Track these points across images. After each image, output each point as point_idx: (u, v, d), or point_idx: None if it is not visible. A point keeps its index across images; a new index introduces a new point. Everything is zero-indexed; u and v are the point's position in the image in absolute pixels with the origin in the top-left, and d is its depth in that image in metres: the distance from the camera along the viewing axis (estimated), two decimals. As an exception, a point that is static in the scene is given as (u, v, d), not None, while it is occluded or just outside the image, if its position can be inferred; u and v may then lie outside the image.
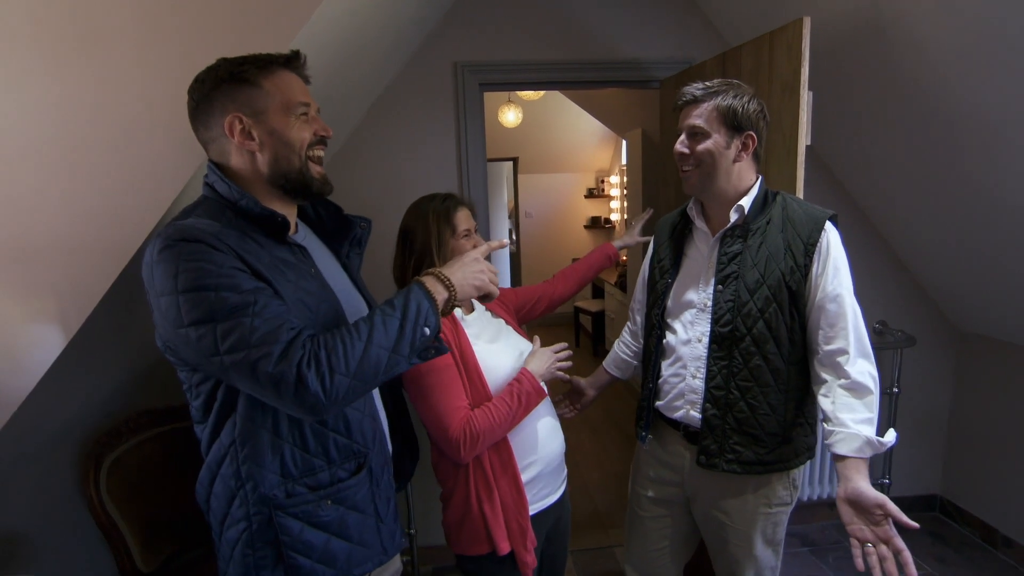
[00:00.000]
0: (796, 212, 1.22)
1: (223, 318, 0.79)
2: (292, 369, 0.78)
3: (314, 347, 0.81)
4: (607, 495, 2.83)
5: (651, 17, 2.20)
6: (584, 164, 6.16)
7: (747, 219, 1.24)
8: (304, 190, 0.96)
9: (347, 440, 0.97)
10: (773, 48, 1.61)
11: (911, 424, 2.48)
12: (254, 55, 0.94)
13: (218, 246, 0.82)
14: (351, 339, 0.82)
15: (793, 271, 1.18)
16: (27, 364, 1.17)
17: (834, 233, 1.20)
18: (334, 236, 1.14)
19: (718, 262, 1.27)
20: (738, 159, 1.23)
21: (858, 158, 2.15)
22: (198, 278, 0.79)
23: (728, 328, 1.23)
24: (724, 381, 1.24)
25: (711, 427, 1.26)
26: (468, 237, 1.32)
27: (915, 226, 2.16)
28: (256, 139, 0.91)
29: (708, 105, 1.20)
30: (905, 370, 2.38)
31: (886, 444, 1.11)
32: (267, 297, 0.82)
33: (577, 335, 5.54)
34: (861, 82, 1.86)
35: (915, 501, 2.55)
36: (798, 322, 1.21)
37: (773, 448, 1.25)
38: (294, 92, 0.93)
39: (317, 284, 0.96)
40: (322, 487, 0.95)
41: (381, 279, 2.09)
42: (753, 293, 1.20)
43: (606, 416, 3.83)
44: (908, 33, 1.56)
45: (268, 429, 0.91)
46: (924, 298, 2.42)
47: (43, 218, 1.13)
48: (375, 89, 2.08)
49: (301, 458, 0.93)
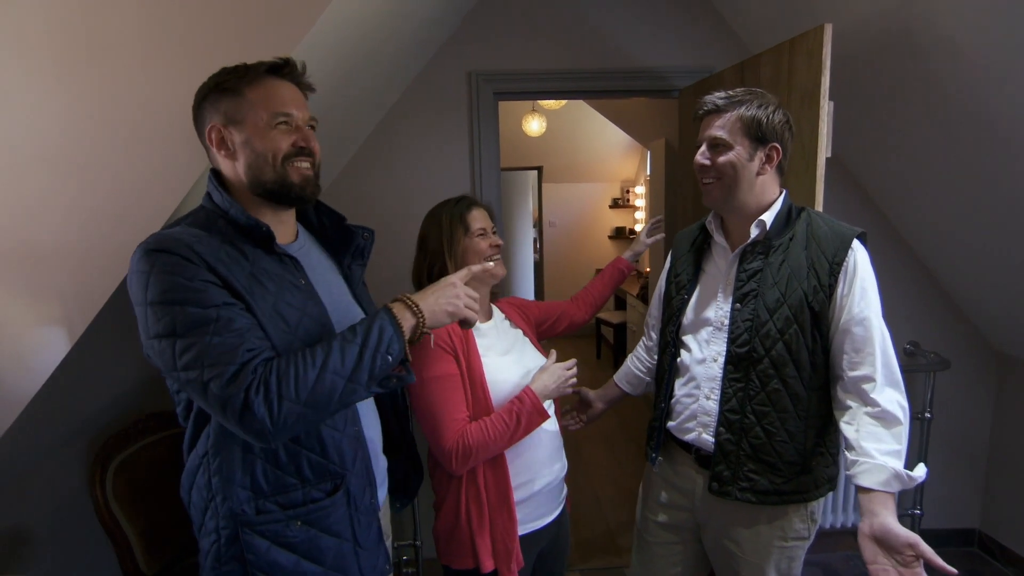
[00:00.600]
0: (821, 229, 1.16)
1: (183, 333, 0.79)
2: (240, 393, 0.77)
3: (265, 372, 0.79)
4: (620, 513, 2.76)
5: (669, 25, 2.15)
6: (609, 174, 6.10)
7: (769, 235, 1.19)
8: (285, 197, 0.95)
9: (321, 459, 0.94)
10: (793, 56, 1.55)
11: (946, 452, 2.33)
12: (243, 65, 0.94)
13: (191, 258, 0.82)
14: (305, 365, 0.81)
15: (816, 291, 1.12)
16: (33, 366, 1.20)
17: (862, 252, 1.14)
18: (336, 246, 1.13)
19: (736, 279, 1.21)
20: (761, 172, 1.17)
21: (886, 169, 2.05)
22: (166, 291, 0.79)
23: (745, 349, 1.17)
24: (740, 404, 1.18)
25: (724, 453, 1.20)
26: (484, 236, 1.31)
27: (949, 240, 2.04)
28: (231, 147, 0.92)
29: (731, 115, 1.15)
30: (939, 394, 2.25)
31: (916, 479, 1.04)
32: (233, 313, 0.82)
33: (598, 347, 5.47)
34: (889, 90, 1.77)
35: (951, 535, 2.40)
36: (820, 345, 1.14)
37: (791, 477, 1.17)
38: (276, 101, 0.92)
39: (303, 296, 0.94)
40: (294, 506, 0.92)
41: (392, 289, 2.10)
42: (773, 313, 1.14)
43: (621, 430, 3.75)
44: (941, 37, 1.48)
45: (239, 443, 0.90)
46: (959, 317, 2.29)
47: (51, 222, 1.16)
48: (389, 97, 2.09)
49: (273, 475, 0.91)
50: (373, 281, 1.20)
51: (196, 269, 0.81)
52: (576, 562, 2.38)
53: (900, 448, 1.06)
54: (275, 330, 0.87)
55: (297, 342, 0.89)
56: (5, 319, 1.17)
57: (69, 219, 1.16)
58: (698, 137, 1.22)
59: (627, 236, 6.14)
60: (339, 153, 2.03)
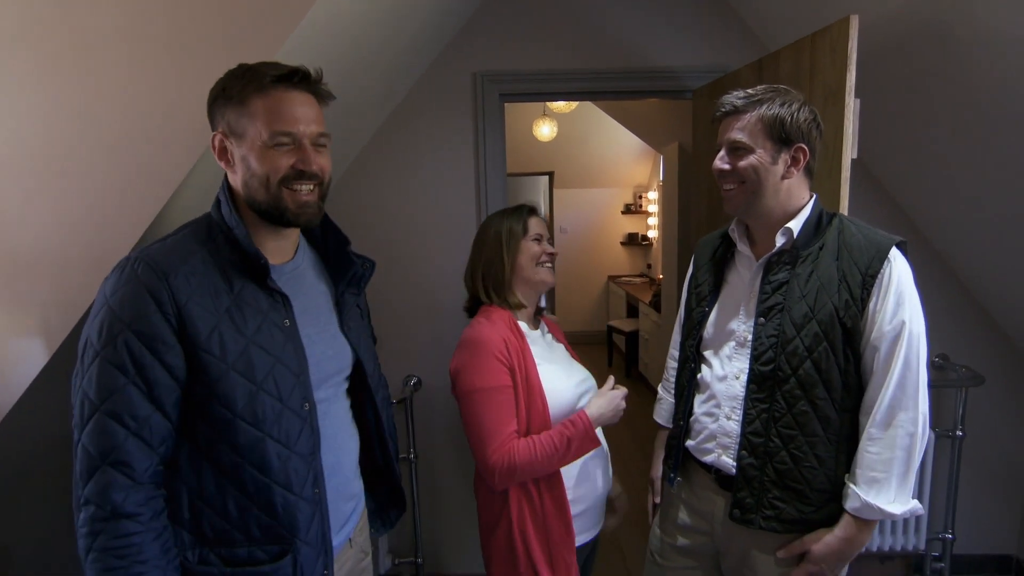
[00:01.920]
0: (855, 237, 1.07)
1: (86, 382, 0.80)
2: (79, 513, 0.79)
3: (97, 529, 0.78)
4: (633, 531, 2.65)
5: (681, 22, 2.07)
6: (621, 179, 6.01)
7: (796, 244, 1.10)
8: (279, 220, 0.90)
9: (273, 523, 0.87)
10: (815, 51, 1.46)
11: (979, 473, 2.20)
12: (255, 68, 0.87)
13: (160, 300, 0.80)
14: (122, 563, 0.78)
15: (848, 305, 1.04)
16: (11, 377, 1.15)
17: (901, 263, 1.05)
18: (335, 270, 1.07)
19: (761, 291, 1.13)
20: (787, 176, 1.09)
21: (914, 171, 1.94)
22: (103, 331, 0.79)
23: (770, 367, 1.09)
24: (764, 427, 1.10)
25: (747, 478, 1.12)
26: (539, 241, 1.32)
27: (981, 247, 1.92)
28: (231, 161, 0.88)
29: (751, 116, 1.07)
30: (971, 411, 2.12)
31: (890, 513, 1.02)
32: (139, 395, 0.79)
33: (610, 355, 5.36)
34: (919, 86, 1.67)
35: (986, 562, 2.25)
36: (854, 364, 1.06)
37: (820, 506, 1.08)
38: (278, 118, 0.85)
39: (283, 339, 0.89)
40: (236, 563, 0.86)
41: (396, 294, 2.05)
42: (800, 329, 1.06)
43: (636, 448, 3.64)
44: (978, 28, 1.38)
45: (191, 485, 0.85)
46: (993, 329, 2.16)
47: (30, 229, 1.12)
48: (391, 100, 2.03)
49: (220, 524, 0.86)
50: (375, 281, 1.14)
51: (152, 321, 0.80)
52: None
53: (886, 475, 1.02)
54: (237, 383, 0.83)
55: (261, 396, 0.84)
56: (-19, 329, 1.12)
57: (49, 226, 1.12)
58: (717, 140, 1.14)
59: (639, 242, 6.04)
60: (338, 157, 1.98)
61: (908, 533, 2.15)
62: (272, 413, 0.85)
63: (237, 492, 0.85)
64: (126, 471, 0.78)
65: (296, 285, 0.96)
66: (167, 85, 1.09)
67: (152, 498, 0.80)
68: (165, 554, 0.80)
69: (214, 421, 0.83)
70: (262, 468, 0.85)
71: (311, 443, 0.90)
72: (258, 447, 0.84)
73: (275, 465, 0.86)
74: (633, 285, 5.48)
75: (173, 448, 0.84)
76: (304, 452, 0.89)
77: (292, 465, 0.87)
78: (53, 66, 1.06)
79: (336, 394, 1.02)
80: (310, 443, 0.90)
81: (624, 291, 5.37)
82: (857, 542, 1.06)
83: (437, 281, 2.15)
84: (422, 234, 2.13)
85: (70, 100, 1.08)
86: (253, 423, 0.84)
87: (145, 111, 1.10)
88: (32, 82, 1.06)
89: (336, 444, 0.99)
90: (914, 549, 2.17)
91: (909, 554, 2.25)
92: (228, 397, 0.82)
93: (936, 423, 2.18)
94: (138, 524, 0.78)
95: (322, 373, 0.95)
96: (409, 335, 2.17)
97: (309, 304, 0.97)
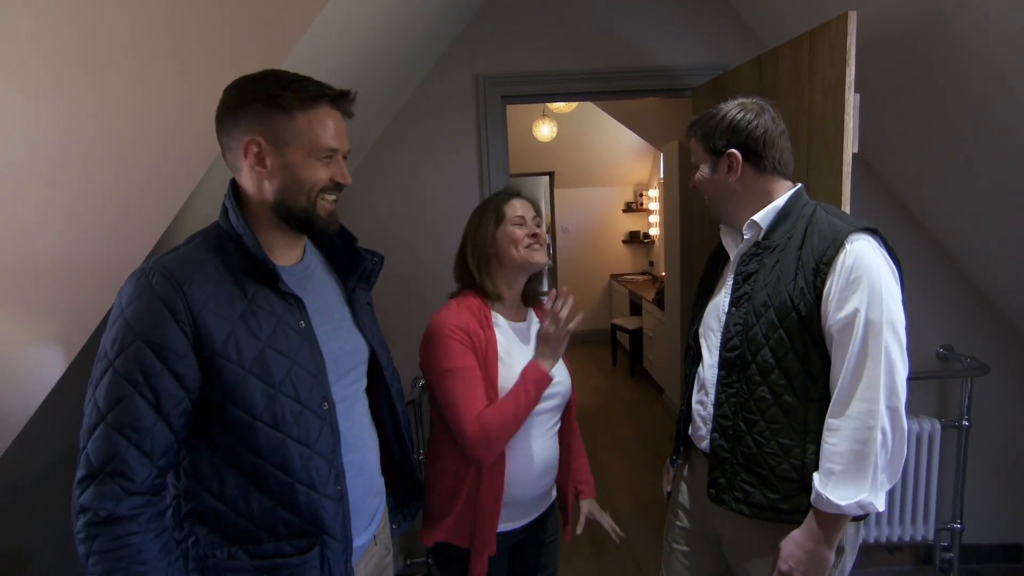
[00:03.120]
0: (820, 226, 1.08)
1: (98, 390, 0.80)
2: (76, 519, 0.79)
3: (93, 533, 0.79)
4: (641, 525, 2.66)
5: (681, 21, 2.09)
6: (622, 178, 6.02)
7: (768, 235, 1.15)
8: (307, 226, 0.94)
9: (298, 521, 0.89)
10: (814, 47, 1.47)
11: (986, 463, 2.21)
12: (299, 80, 0.89)
13: (175, 309, 0.81)
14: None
15: (803, 293, 1.05)
16: (30, 385, 1.17)
17: (863, 248, 1.02)
18: (343, 266, 1.10)
19: (733, 282, 1.18)
20: (731, 180, 1.16)
21: (915, 165, 1.95)
22: (117, 341, 0.80)
23: (735, 353, 1.14)
24: (731, 411, 1.15)
25: (720, 459, 1.18)
26: (521, 225, 1.29)
27: (984, 238, 1.94)
28: (268, 167, 0.89)
29: (694, 139, 1.21)
30: (977, 401, 2.13)
31: (840, 508, 1.00)
32: (146, 406, 0.80)
33: (614, 353, 5.37)
34: (918, 80, 1.68)
35: (993, 551, 2.26)
36: (817, 353, 1.06)
37: (788, 495, 1.10)
38: (325, 135, 0.90)
39: (298, 340, 0.90)
40: (263, 557, 0.88)
41: (400, 293, 2.07)
42: (760, 317, 1.10)
43: (641, 437, 3.65)
44: (976, 21, 1.39)
45: (213, 490, 0.87)
46: (997, 319, 2.17)
47: (46, 238, 1.13)
48: (394, 103, 2.05)
49: (244, 526, 0.87)
50: (380, 283, 1.16)
51: (166, 330, 0.81)
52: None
53: (843, 468, 1.00)
54: (255, 387, 0.84)
55: (280, 399, 0.86)
56: (1, 337, 1.14)
57: (64, 234, 1.13)
58: None
59: (641, 240, 6.04)
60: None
61: (916, 523, 2.16)
62: (291, 414, 0.87)
63: (261, 493, 0.87)
64: (123, 483, 0.79)
65: (308, 285, 0.98)
66: (178, 94, 1.11)
67: (150, 501, 0.81)
68: (166, 555, 0.81)
69: (233, 426, 0.85)
70: (285, 468, 0.87)
71: (331, 442, 0.92)
72: (280, 448, 0.86)
73: (297, 465, 0.87)
74: (636, 283, 5.49)
75: (190, 455, 0.86)
76: (325, 451, 0.91)
77: (314, 464, 0.89)
78: (66, 76, 1.08)
79: (356, 392, 1.04)
80: (330, 442, 0.92)
81: (627, 289, 5.39)
82: (821, 538, 1.04)
83: (442, 283, 2.15)
84: (427, 236, 2.15)
85: (83, 110, 1.09)
86: (273, 425, 0.86)
87: (157, 120, 1.11)
88: (46, 92, 1.08)
89: (360, 442, 1.01)
90: (923, 539, 2.18)
91: (918, 544, 2.26)
92: (247, 401, 0.84)
93: (942, 413, 2.19)
94: (136, 525, 0.79)
95: (340, 370, 0.97)
96: (416, 337, 2.17)
97: (321, 303, 0.99)
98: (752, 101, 1.16)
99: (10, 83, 1.07)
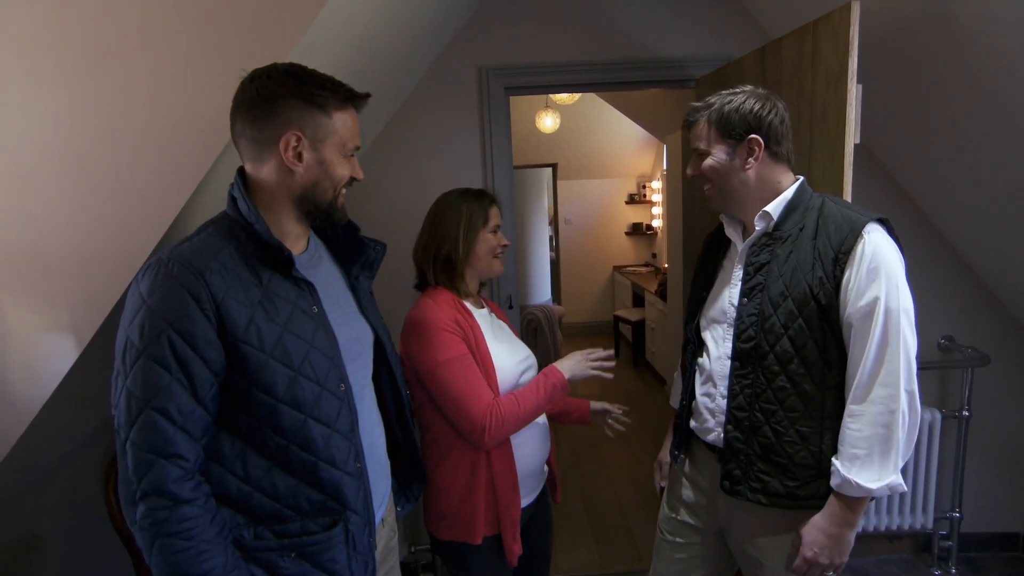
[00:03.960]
0: (833, 217, 1.10)
1: (131, 381, 0.81)
2: (135, 507, 0.81)
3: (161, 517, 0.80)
4: (642, 514, 2.69)
5: (684, 12, 2.08)
6: (625, 169, 6.01)
7: (778, 226, 1.15)
8: (327, 218, 0.99)
9: (321, 497, 0.92)
10: (817, 38, 1.47)
11: (986, 452, 2.23)
12: (331, 81, 0.93)
13: (199, 297, 0.82)
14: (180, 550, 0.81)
15: (823, 282, 1.07)
16: (42, 374, 1.19)
17: (879, 238, 1.06)
18: (346, 255, 1.12)
19: (744, 273, 1.18)
20: (747, 167, 1.15)
21: (918, 155, 1.96)
22: (145, 330, 0.81)
23: (750, 344, 1.14)
24: (747, 402, 1.15)
25: (734, 451, 1.17)
26: (496, 234, 1.37)
27: (986, 228, 1.94)
28: (303, 162, 0.92)
29: (702, 121, 1.17)
30: (977, 391, 2.14)
31: (868, 489, 1.03)
32: (182, 391, 0.82)
33: (617, 344, 5.39)
34: (921, 70, 1.68)
35: (992, 540, 2.28)
36: (834, 341, 1.09)
37: (805, 482, 1.12)
38: (353, 133, 0.96)
39: (313, 325, 0.93)
40: (289, 536, 0.91)
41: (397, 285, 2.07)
42: (777, 307, 1.11)
43: (642, 428, 3.67)
44: (979, 10, 1.39)
45: (237, 472, 0.89)
46: (998, 310, 2.17)
47: (56, 229, 1.14)
48: (397, 96, 2.06)
49: (269, 505, 0.90)
50: (380, 273, 1.18)
51: (193, 320, 0.82)
52: (598, 567, 2.33)
53: (867, 452, 1.03)
54: (277, 370, 0.87)
55: (300, 381, 0.89)
56: (13, 328, 1.16)
57: (74, 226, 1.15)
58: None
59: (644, 232, 6.04)
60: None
61: (916, 512, 2.18)
62: (312, 396, 0.90)
63: (285, 473, 0.90)
64: (180, 462, 0.81)
65: (315, 272, 1.00)
66: (185, 87, 1.12)
67: (201, 484, 0.84)
68: (220, 534, 0.85)
69: (256, 408, 0.87)
70: (307, 448, 0.90)
71: (350, 421, 0.95)
72: (302, 429, 0.89)
73: (319, 444, 0.90)
74: (638, 275, 5.49)
75: (212, 440, 0.88)
76: (344, 430, 0.94)
77: (334, 442, 0.92)
78: (76, 70, 1.09)
79: (364, 377, 1.07)
80: (348, 421, 0.95)
81: (630, 281, 5.39)
82: (845, 522, 1.07)
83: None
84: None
85: (92, 103, 1.10)
86: (295, 406, 0.88)
87: (165, 112, 1.12)
88: (56, 86, 1.09)
89: (369, 425, 1.04)
90: (922, 528, 2.20)
91: (917, 533, 2.28)
92: (269, 384, 0.86)
93: (942, 404, 2.20)
94: (196, 508, 0.82)
95: (349, 354, 0.99)
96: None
97: (328, 290, 1.01)
98: (760, 90, 1.16)
99: (21, 76, 1.08)
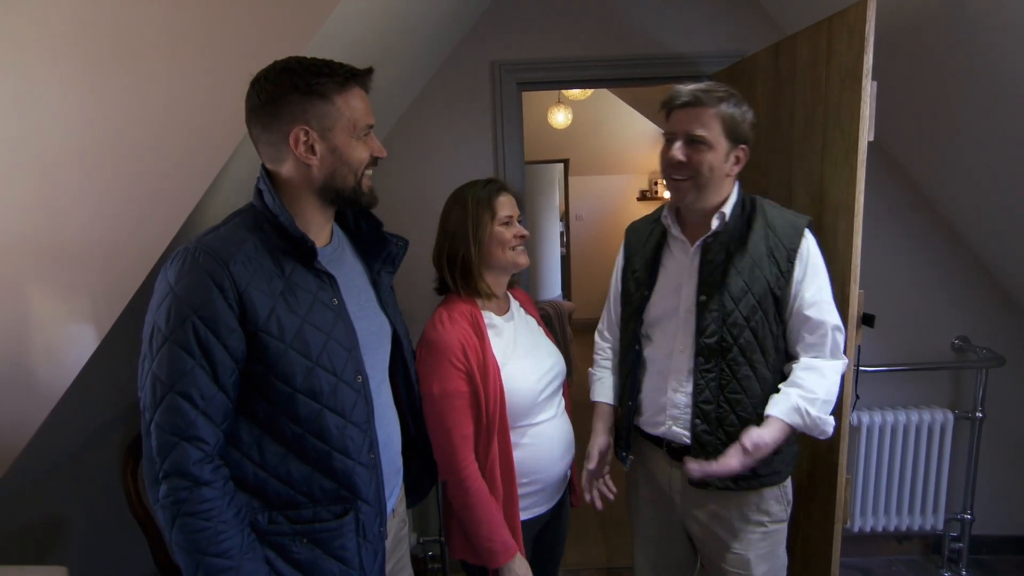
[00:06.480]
0: (776, 219, 1.22)
1: (156, 365, 0.83)
2: (158, 486, 0.83)
3: (182, 497, 0.83)
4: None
5: (697, 8, 2.07)
6: (636, 165, 5.97)
7: (728, 225, 1.20)
8: (353, 204, 0.99)
9: (334, 486, 0.94)
10: (832, 34, 1.46)
11: (999, 454, 2.20)
12: (328, 65, 0.92)
13: (223, 286, 0.84)
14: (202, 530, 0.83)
15: (778, 278, 1.18)
16: (64, 361, 1.22)
17: (812, 239, 1.21)
18: (368, 250, 1.13)
19: (700, 271, 1.22)
20: (730, 173, 1.20)
21: (932, 153, 1.93)
22: (171, 317, 0.83)
23: (714, 339, 1.19)
24: (713, 395, 1.20)
25: (702, 444, 1.21)
26: (509, 225, 1.25)
27: (1002, 228, 1.91)
28: (317, 154, 0.92)
29: (711, 111, 1.13)
30: (991, 393, 2.11)
31: (816, 420, 1.13)
32: (204, 376, 0.84)
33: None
34: (936, 67, 1.66)
35: (1005, 543, 2.26)
36: (782, 330, 1.21)
37: (767, 460, 1.16)
38: (363, 112, 0.94)
39: (333, 317, 0.94)
40: (302, 522, 0.93)
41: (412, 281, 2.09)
42: (738, 302, 1.18)
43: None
44: (995, 7, 1.37)
45: (253, 458, 0.91)
46: (1015, 311, 2.14)
47: (80, 221, 1.18)
48: (410, 92, 2.07)
49: (284, 491, 0.92)
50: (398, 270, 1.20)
51: (216, 307, 0.84)
52: (604, 561, 2.34)
53: (816, 397, 1.14)
54: (295, 360, 0.88)
55: (318, 371, 0.90)
56: (37, 316, 1.20)
57: (96, 217, 1.18)
58: (669, 128, 1.20)
59: (656, 229, 6.01)
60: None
61: (926, 513, 2.17)
62: (328, 386, 0.91)
63: (299, 461, 0.92)
64: (201, 445, 0.84)
65: (337, 266, 1.01)
66: (203, 83, 1.15)
67: (220, 467, 0.87)
68: (237, 516, 0.87)
69: (274, 397, 0.89)
70: (322, 437, 0.92)
71: (365, 413, 0.97)
72: (317, 419, 0.91)
73: (334, 434, 0.92)
74: (649, 272, 5.47)
75: (232, 425, 0.90)
76: (360, 421, 0.95)
77: (349, 433, 0.94)
78: (99, 66, 1.11)
79: (382, 372, 1.08)
80: (364, 413, 0.96)
81: (640, 278, 5.37)
82: (782, 439, 1.14)
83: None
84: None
85: (114, 99, 1.13)
86: (311, 396, 0.90)
87: (183, 108, 1.15)
88: (80, 81, 1.12)
89: (385, 420, 1.05)
90: (932, 529, 2.19)
91: (927, 534, 2.27)
92: (288, 374, 0.88)
93: (956, 404, 2.18)
94: (215, 490, 0.84)
95: (368, 347, 1.01)
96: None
97: (349, 283, 1.03)
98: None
99: (47, 72, 1.11)
